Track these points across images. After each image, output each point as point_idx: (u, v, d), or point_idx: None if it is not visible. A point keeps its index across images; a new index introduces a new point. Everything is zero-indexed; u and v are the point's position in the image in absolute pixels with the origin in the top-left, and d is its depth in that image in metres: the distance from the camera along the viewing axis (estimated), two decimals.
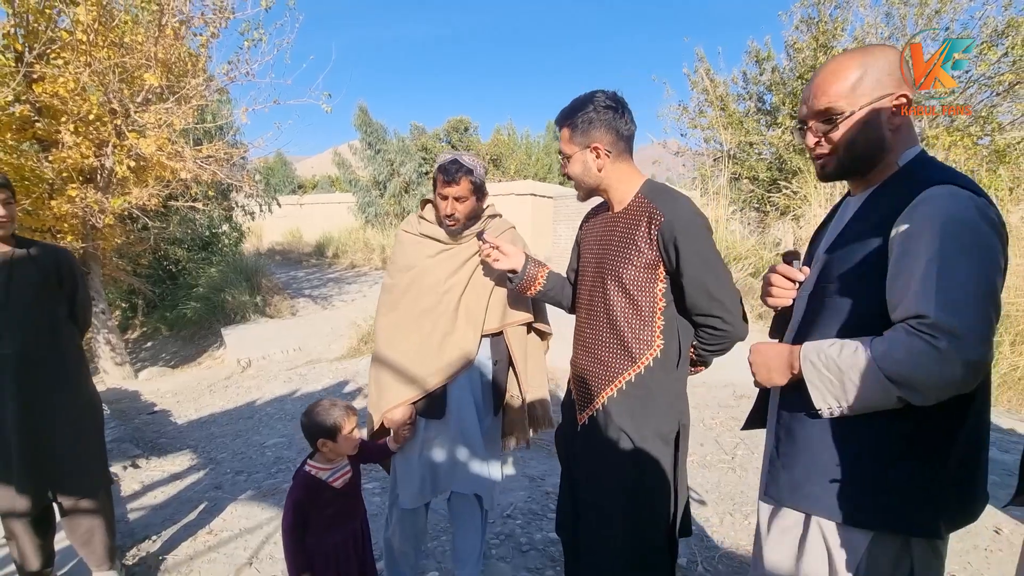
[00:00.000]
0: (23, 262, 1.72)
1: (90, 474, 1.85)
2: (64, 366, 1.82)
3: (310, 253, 17.67)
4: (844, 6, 10.06)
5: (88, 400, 1.89)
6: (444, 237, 1.76)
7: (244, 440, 3.73)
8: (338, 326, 8.06)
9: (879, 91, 0.94)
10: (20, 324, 1.70)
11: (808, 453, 1.00)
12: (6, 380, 1.68)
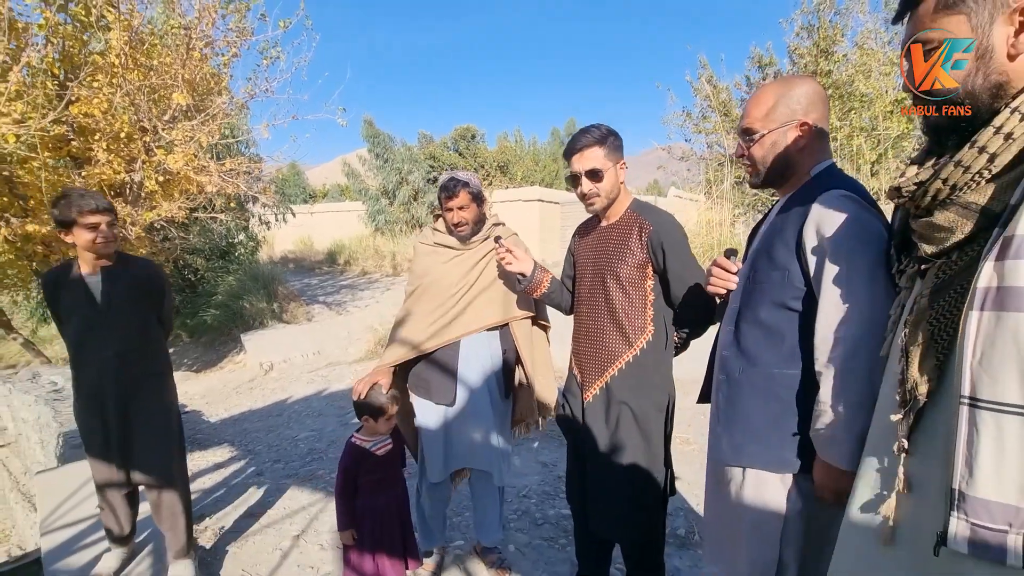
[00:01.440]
0: (122, 275, 2.01)
1: (171, 465, 2.11)
2: (155, 365, 2.10)
3: (322, 261, 18.06)
4: (844, 12, 10.28)
5: (171, 395, 2.17)
6: (456, 244, 2.02)
7: (277, 434, 4.01)
8: (354, 330, 8.36)
9: (788, 117, 1.18)
10: (120, 329, 1.98)
11: (743, 417, 1.23)
12: (108, 378, 1.96)
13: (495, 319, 2.01)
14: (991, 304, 0.66)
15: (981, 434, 0.67)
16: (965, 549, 0.70)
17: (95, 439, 1.99)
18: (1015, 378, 0.64)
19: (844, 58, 10.19)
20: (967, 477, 0.69)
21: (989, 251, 0.67)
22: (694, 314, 1.62)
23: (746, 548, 1.24)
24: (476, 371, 2.00)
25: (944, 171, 0.73)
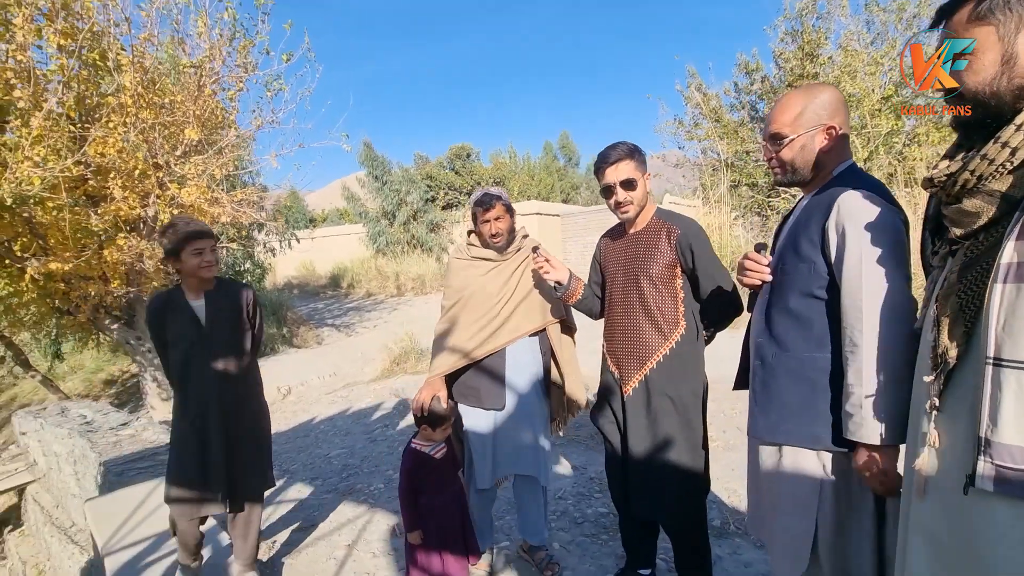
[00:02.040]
0: (223, 298, 2.14)
1: (264, 475, 2.23)
2: (251, 382, 2.23)
3: (326, 285, 18.23)
4: (826, 16, 10.60)
5: (264, 410, 2.30)
6: (494, 256, 2.15)
7: (308, 453, 4.11)
8: (367, 351, 8.47)
9: (815, 122, 1.30)
10: (223, 351, 2.11)
11: (778, 399, 1.34)
12: (211, 396, 2.07)
13: (536, 325, 2.15)
14: (1013, 277, 0.80)
15: (1004, 389, 0.81)
16: (991, 487, 0.83)
17: (192, 464, 2.06)
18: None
19: (829, 60, 10.49)
20: (992, 426, 0.82)
21: (1011, 232, 0.80)
22: (720, 308, 1.76)
23: (783, 518, 1.35)
24: (523, 375, 2.13)
25: (971, 163, 0.86)
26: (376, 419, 4.84)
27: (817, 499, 1.30)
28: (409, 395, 5.44)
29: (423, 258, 17.04)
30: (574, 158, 24.46)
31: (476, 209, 2.09)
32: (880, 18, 10.18)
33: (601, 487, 3.06)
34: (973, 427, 0.85)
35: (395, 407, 5.15)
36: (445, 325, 2.20)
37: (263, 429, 2.28)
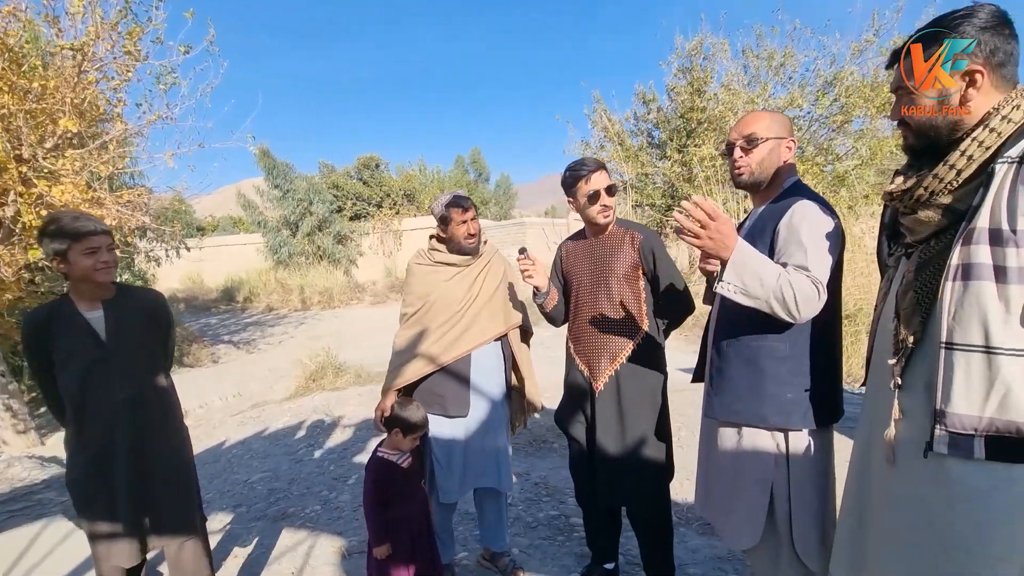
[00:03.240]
0: (128, 308, 1.82)
1: (193, 512, 1.94)
2: (168, 407, 1.92)
3: (218, 299, 16.66)
4: (711, 58, 11.91)
5: (185, 435, 1.99)
6: (458, 260, 2.16)
7: (223, 480, 3.73)
8: (276, 367, 7.88)
9: (782, 133, 1.50)
10: (131, 368, 1.79)
11: (731, 383, 1.50)
12: (120, 427, 1.74)
13: (500, 329, 2.18)
14: (960, 276, 0.99)
15: (955, 368, 0.99)
16: (945, 450, 1.01)
17: (99, 506, 1.75)
18: (977, 326, 0.97)
19: (715, 96, 11.76)
20: (945, 399, 1.01)
21: (958, 239, 1.00)
22: (676, 307, 1.93)
23: (742, 495, 1.50)
24: (488, 380, 2.15)
25: (925, 181, 1.06)
26: (299, 439, 4.52)
27: (770, 475, 1.46)
28: (332, 412, 5.15)
29: (330, 270, 16.23)
30: (484, 173, 24.79)
31: (452, 211, 2.09)
32: (754, 63, 11.63)
33: (548, 491, 3.13)
34: (930, 401, 1.04)
35: (318, 425, 4.84)
36: (410, 331, 2.15)
37: (185, 457, 1.97)
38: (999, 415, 0.95)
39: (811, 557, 1.41)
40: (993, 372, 0.96)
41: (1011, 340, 0.95)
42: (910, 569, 1.07)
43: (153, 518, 1.82)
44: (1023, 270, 0.93)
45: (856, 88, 10.27)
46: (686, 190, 10.97)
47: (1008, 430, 0.95)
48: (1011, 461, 0.97)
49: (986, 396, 0.96)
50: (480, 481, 2.17)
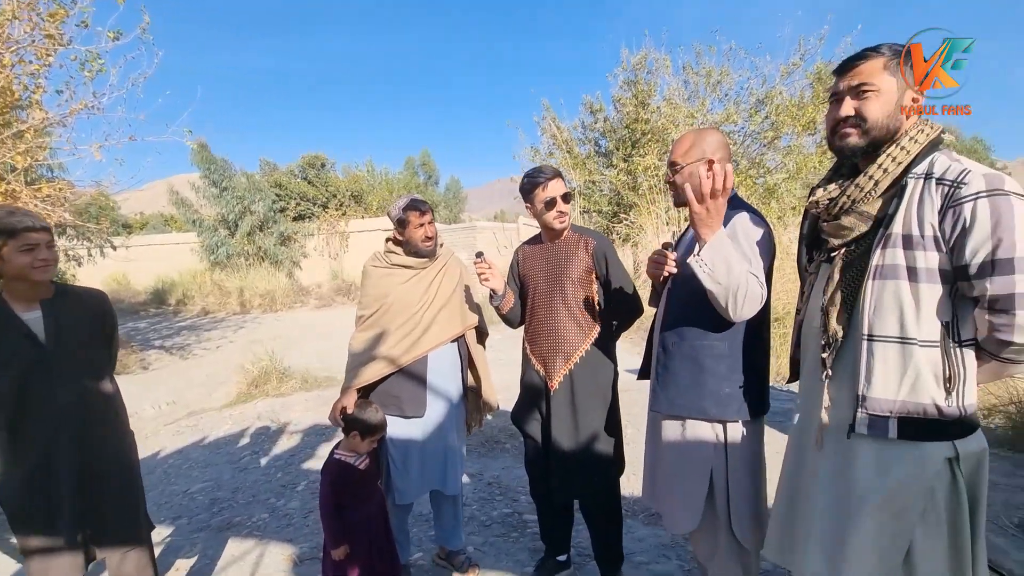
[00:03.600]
0: (68, 308, 1.73)
1: (139, 520, 1.86)
2: (113, 411, 1.84)
3: (147, 301, 15.62)
4: (654, 72, 12.44)
5: (131, 441, 1.91)
6: (415, 263, 2.20)
7: (160, 491, 3.54)
8: (214, 374, 7.52)
9: (700, 155, 1.60)
10: (73, 371, 1.70)
11: (675, 379, 1.62)
12: (62, 431, 1.66)
13: (457, 330, 2.23)
14: (879, 275, 1.14)
15: (875, 357, 1.15)
16: (866, 431, 1.17)
17: (39, 518, 1.65)
18: (893, 320, 1.13)
19: (658, 109, 12.30)
20: (867, 385, 1.16)
21: (878, 243, 1.15)
22: (626, 309, 2.04)
23: (681, 483, 1.63)
24: (444, 381, 2.19)
25: (848, 191, 1.21)
26: (242, 447, 4.35)
27: (710, 462, 1.59)
28: (278, 419, 4.99)
29: (272, 272, 15.59)
30: (434, 176, 24.62)
31: (410, 213, 2.11)
32: (693, 80, 12.26)
33: (501, 490, 3.19)
34: (853, 388, 1.19)
35: (263, 432, 4.68)
36: (368, 333, 2.16)
37: (132, 464, 1.91)
38: (910, 398, 1.11)
39: (747, 537, 1.54)
40: (906, 360, 1.12)
41: (922, 332, 1.11)
42: (831, 539, 1.22)
43: (97, 528, 1.75)
44: (930, 270, 1.10)
45: (785, 107, 11.04)
46: (631, 198, 11.37)
47: (916, 412, 1.12)
48: (917, 439, 1.13)
49: (900, 381, 1.12)
50: (433, 484, 2.20)
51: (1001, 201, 1.04)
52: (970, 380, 1.13)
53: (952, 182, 1.08)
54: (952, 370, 1.11)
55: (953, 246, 1.09)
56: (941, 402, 1.11)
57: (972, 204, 1.05)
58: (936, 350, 1.12)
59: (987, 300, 1.07)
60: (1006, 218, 1.03)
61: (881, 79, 1.17)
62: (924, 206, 1.10)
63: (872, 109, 1.18)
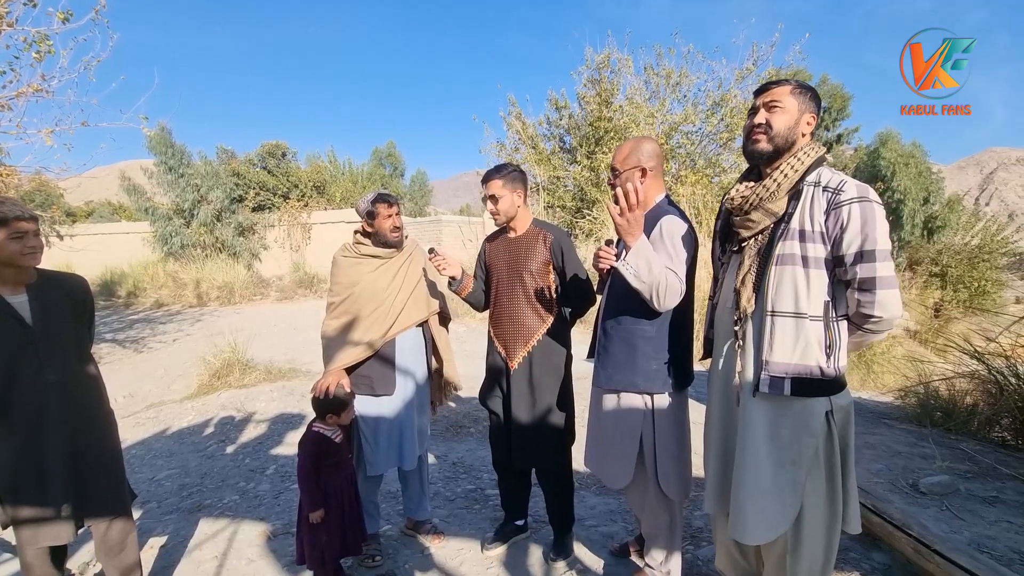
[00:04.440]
0: (52, 291, 1.81)
1: (120, 487, 1.96)
2: (95, 389, 1.93)
3: (96, 293, 14.92)
4: (617, 71, 12.78)
5: (111, 418, 2.01)
6: (382, 253, 2.35)
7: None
8: (173, 366, 7.40)
9: (635, 164, 1.84)
10: (59, 351, 1.79)
11: (613, 358, 1.87)
12: (52, 407, 1.75)
13: (423, 315, 2.41)
14: (780, 262, 1.40)
15: (775, 329, 1.41)
16: (767, 389, 1.42)
17: (28, 487, 1.74)
18: (789, 298, 1.39)
19: (620, 108, 12.64)
20: (769, 351, 1.41)
21: (780, 236, 1.41)
22: (580, 297, 2.25)
23: (617, 445, 1.89)
24: (410, 362, 2.36)
25: (758, 190, 1.47)
26: (207, 435, 4.38)
27: (640, 428, 1.85)
28: (244, 408, 5.02)
29: (230, 264, 15.20)
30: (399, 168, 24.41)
31: (379, 206, 2.26)
32: (654, 80, 12.65)
33: (465, 469, 3.39)
34: (759, 355, 1.44)
35: (228, 422, 4.71)
36: (340, 320, 2.30)
37: (113, 437, 2.02)
38: (801, 361, 1.38)
39: (671, 489, 1.80)
40: (799, 331, 1.38)
41: (811, 308, 1.38)
42: (754, 484, 1.47)
43: (84, 498, 1.85)
44: (817, 259, 1.38)
45: (739, 110, 11.56)
46: (594, 194, 11.69)
47: (805, 372, 1.38)
48: (806, 395, 1.39)
49: (794, 348, 1.38)
50: (400, 459, 2.36)
51: (867, 207, 1.34)
52: (843, 347, 1.42)
53: (834, 190, 1.37)
54: (831, 338, 1.39)
55: (834, 240, 1.37)
56: (824, 364, 1.40)
57: (848, 207, 1.34)
58: (820, 323, 1.40)
59: (856, 282, 1.36)
60: (870, 220, 1.33)
61: (787, 100, 1.47)
62: (815, 207, 1.38)
63: (778, 121, 1.47)
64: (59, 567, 1.94)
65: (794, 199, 1.42)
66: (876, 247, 1.32)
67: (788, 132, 1.46)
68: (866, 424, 3.71)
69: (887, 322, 1.36)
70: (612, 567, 2.22)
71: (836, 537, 1.44)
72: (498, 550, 2.37)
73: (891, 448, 3.19)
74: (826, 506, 1.42)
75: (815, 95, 1.49)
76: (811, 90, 1.48)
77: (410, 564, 2.35)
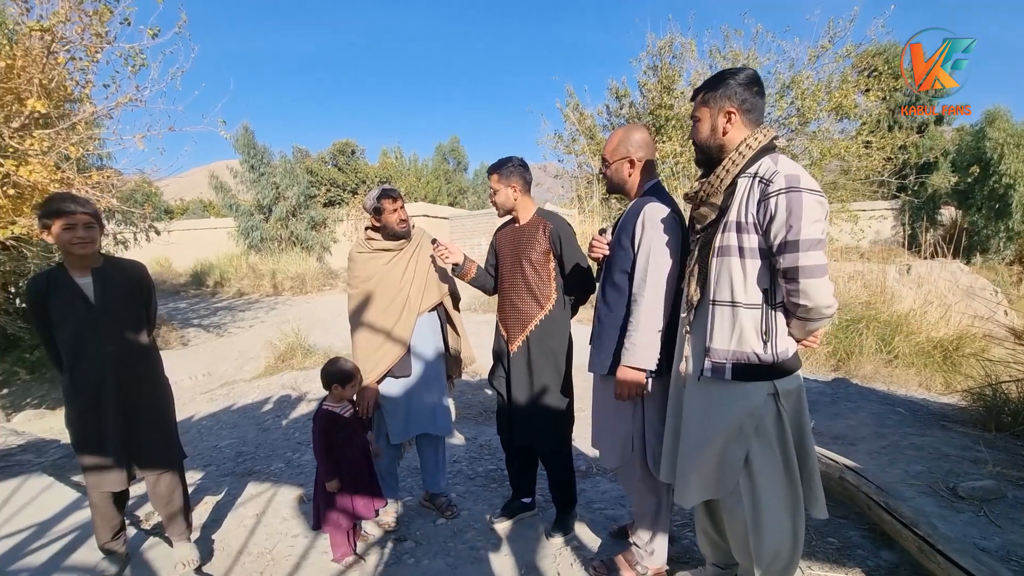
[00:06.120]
0: (113, 275, 2.11)
1: (170, 445, 2.26)
2: (149, 360, 2.22)
3: (187, 283, 16.56)
4: (680, 56, 12.34)
5: (166, 387, 2.30)
6: (393, 246, 2.49)
7: (194, 446, 4.01)
8: (245, 350, 8.09)
9: (623, 154, 1.88)
10: (117, 326, 2.08)
11: (604, 344, 1.90)
12: (108, 374, 2.04)
13: (436, 299, 2.54)
14: (719, 253, 1.41)
15: (716, 317, 1.41)
16: (711, 375, 1.43)
17: (92, 440, 2.05)
18: (727, 288, 1.39)
19: (682, 94, 12.20)
20: (711, 339, 1.42)
21: (720, 229, 1.41)
22: (580, 285, 2.30)
23: (610, 427, 1.94)
24: (426, 344, 2.51)
25: (704, 187, 1.47)
26: (266, 412, 4.81)
27: (631, 410, 1.88)
28: (300, 388, 5.44)
29: (303, 257, 16.27)
30: (463, 163, 24.97)
31: (384, 201, 2.41)
32: (720, 64, 12.08)
33: (490, 451, 3.52)
34: (704, 342, 1.45)
35: (285, 400, 5.13)
36: (365, 313, 2.44)
37: (165, 401, 2.29)
38: (738, 348, 1.38)
39: (656, 467, 1.82)
40: (735, 319, 1.38)
41: (747, 297, 1.37)
42: (693, 456, 1.49)
43: (136, 452, 2.14)
44: (752, 249, 1.36)
45: (811, 92, 10.81)
46: None
47: (742, 358, 1.38)
48: (745, 380, 1.39)
49: (731, 336, 1.38)
50: (422, 427, 2.52)
51: (794, 196, 1.31)
52: (781, 334, 1.40)
53: (766, 180, 1.36)
54: (767, 326, 1.38)
55: (764, 230, 1.36)
56: (760, 350, 1.39)
57: (775, 199, 1.33)
58: (757, 311, 1.39)
59: (782, 271, 1.35)
60: (795, 210, 1.31)
61: (700, 111, 1.53)
62: (749, 199, 1.38)
63: (697, 134, 1.55)
64: (120, 509, 2.26)
65: (732, 192, 1.43)
66: (800, 237, 1.30)
67: (707, 139, 1.52)
68: (917, 425, 3.44)
69: (816, 311, 1.34)
70: (607, 546, 2.25)
71: (800, 519, 1.42)
72: (504, 524, 2.47)
73: (939, 451, 2.96)
74: (784, 486, 1.40)
75: (726, 78, 1.48)
76: (717, 81, 1.49)
77: (421, 532, 2.50)
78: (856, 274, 7.56)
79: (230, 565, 2.34)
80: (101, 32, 6.61)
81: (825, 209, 1.32)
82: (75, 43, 6.58)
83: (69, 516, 2.77)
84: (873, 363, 5.36)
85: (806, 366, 5.59)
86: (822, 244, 1.31)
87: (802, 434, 1.41)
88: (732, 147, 1.45)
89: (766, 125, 1.49)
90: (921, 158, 16.27)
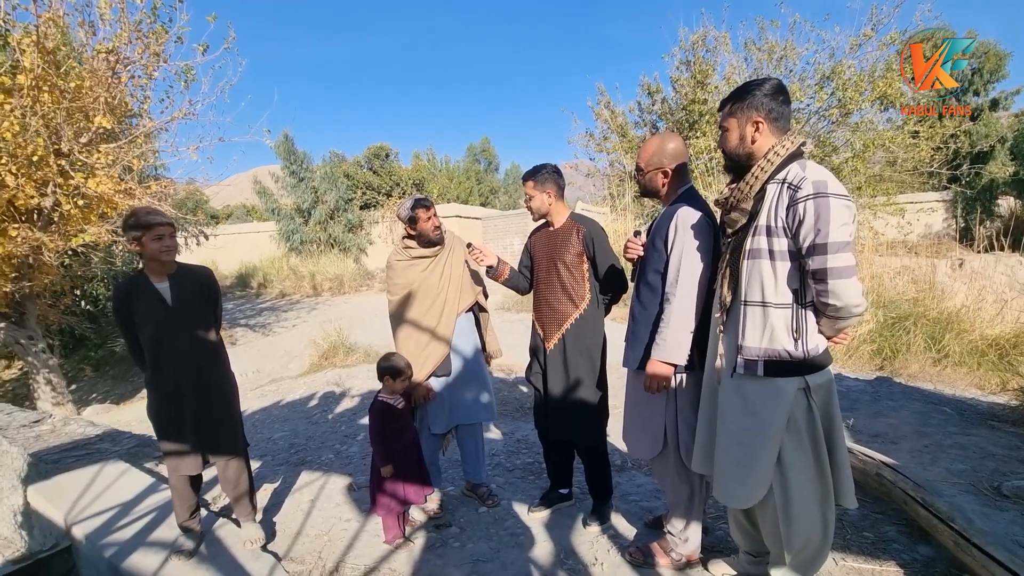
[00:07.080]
0: (187, 280, 2.35)
1: (236, 433, 2.49)
2: (218, 356, 2.45)
3: (233, 285, 17.34)
4: (714, 50, 12.13)
5: (233, 381, 2.54)
6: (429, 253, 2.62)
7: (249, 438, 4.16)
8: (291, 348, 8.46)
9: (657, 165, 1.96)
10: (190, 325, 2.32)
11: (639, 339, 1.98)
12: (183, 368, 2.28)
13: (471, 299, 2.68)
14: (750, 256, 1.48)
15: (748, 317, 1.49)
16: (743, 371, 1.50)
17: (172, 429, 2.29)
18: (758, 289, 1.47)
19: (716, 89, 12.00)
20: (743, 338, 1.49)
21: (750, 232, 1.48)
22: (613, 285, 2.39)
23: (645, 420, 2.02)
24: (466, 341, 2.65)
25: (734, 193, 1.55)
26: (313, 406, 5.07)
27: (663, 404, 1.96)
28: (343, 385, 5.70)
29: (340, 258, 16.79)
30: (494, 163, 25.18)
31: (419, 211, 2.54)
32: (756, 56, 11.80)
33: (527, 445, 3.64)
34: (736, 340, 1.52)
35: (330, 396, 5.39)
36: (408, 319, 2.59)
37: (232, 395, 2.52)
38: (769, 346, 1.45)
39: (689, 458, 1.89)
40: (766, 319, 1.45)
41: (777, 297, 1.44)
42: (727, 451, 1.56)
43: (208, 439, 2.37)
44: (783, 252, 1.43)
45: (852, 82, 10.45)
46: None
47: (774, 355, 1.45)
48: (777, 376, 1.46)
49: (763, 334, 1.45)
50: (466, 418, 2.67)
51: (821, 201, 1.37)
52: (812, 332, 1.46)
53: (794, 186, 1.42)
54: (798, 324, 1.45)
55: (794, 234, 1.43)
56: (791, 348, 1.46)
57: (804, 204, 1.39)
58: (788, 310, 1.46)
59: (811, 273, 1.41)
60: (823, 214, 1.37)
61: (728, 121, 1.59)
62: (779, 204, 1.44)
63: (726, 143, 1.61)
64: (195, 491, 2.48)
65: (762, 197, 1.50)
66: (828, 240, 1.37)
67: (736, 148, 1.58)
68: (964, 424, 3.37)
69: (845, 309, 1.40)
70: (643, 536, 2.34)
71: (830, 509, 1.48)
72: (542, 514, 2.59)
73: (984, 450, 2.90)
74: (815, 478, 1.47)
75: (752, 89, 1.53)
76: (743, 92, 1.54)
77: (464, 519, 2.65)
78: (903, 269, 7.31)
79: (291, 544, 2.55)
80: (158, 51, 7.06)
81: (852, 212, 1.38)
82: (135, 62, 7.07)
83: (146, 499, 3.04)
84: (920, 362, 5.21)
85: (849, 365, 5.49)
86: (850, 246, 1.38)
87: (832, 427, 1.47)
88: (760, 155, 1.52)
89: (793, 132, 1.55)
90: (975, 147, 15.50)
